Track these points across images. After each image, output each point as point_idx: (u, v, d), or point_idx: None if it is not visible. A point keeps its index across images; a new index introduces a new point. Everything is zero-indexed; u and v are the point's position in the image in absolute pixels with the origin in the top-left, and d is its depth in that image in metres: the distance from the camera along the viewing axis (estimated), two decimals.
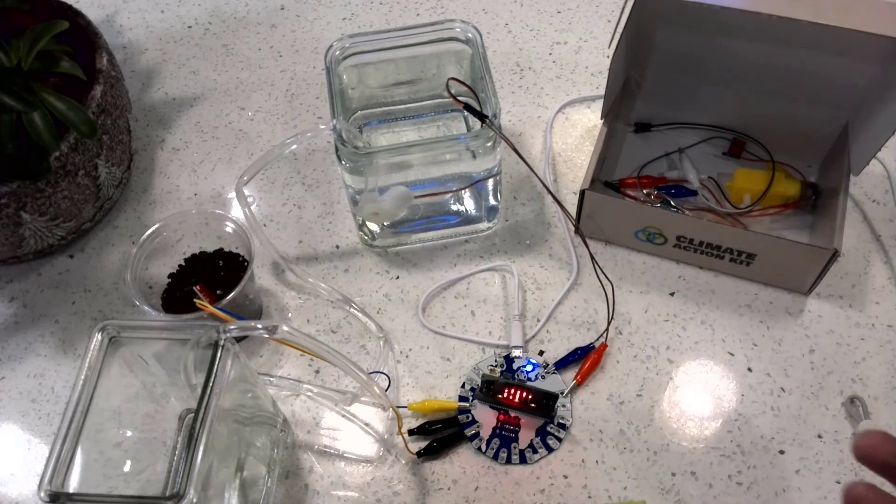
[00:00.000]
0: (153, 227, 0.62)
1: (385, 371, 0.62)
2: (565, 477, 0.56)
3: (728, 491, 0.55)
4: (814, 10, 0.55)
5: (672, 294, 0.65)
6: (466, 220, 0.69)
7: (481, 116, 0.58)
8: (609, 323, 0.62)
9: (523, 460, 0.57)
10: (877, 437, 0.38)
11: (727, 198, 0.67)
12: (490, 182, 0.65)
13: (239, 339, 0.52)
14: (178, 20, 0.89)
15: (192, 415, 0.44)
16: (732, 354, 0.61)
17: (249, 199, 0.67)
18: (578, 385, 0.60)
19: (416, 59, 0.67)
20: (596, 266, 0.62)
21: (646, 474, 0.56)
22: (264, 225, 0.71)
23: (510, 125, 0.77)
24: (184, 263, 0.65)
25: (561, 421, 0.58)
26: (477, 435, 0.58)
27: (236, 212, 0.71)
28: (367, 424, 0.60)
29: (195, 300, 0.53)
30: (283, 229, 0.71)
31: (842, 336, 0.62)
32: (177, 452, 0.56)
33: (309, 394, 0.61)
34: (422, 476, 0.57)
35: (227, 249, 0.65)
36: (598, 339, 0.62)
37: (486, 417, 0.59)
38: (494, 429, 0.58)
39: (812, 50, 0.62)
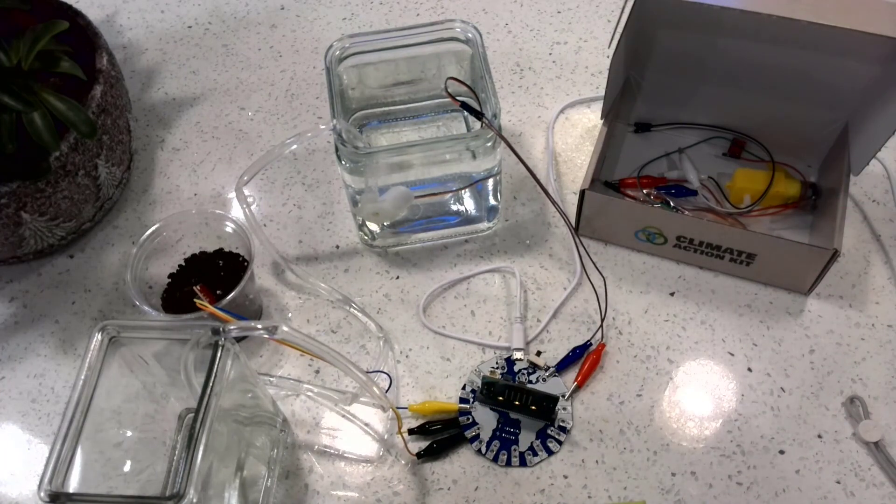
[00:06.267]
0: (153, 227, 0.62)
1: (385, 371, 0.61)
2: (565, 477, 0.56)
3: (728, 491, 0.55)
4: (814, 10, 0.55)
5: (672, 294, 0.65)
6: (466, 220, 0.69)
7: (478, 115, 0.58)
8: (602, 319, 0.62)
9: (523, 463, 0.57)
10: None
11: (727, 198, 0.67)
12: (490, 182, 0.65)
13: (239, 339, 0.52)
14: (178, 20, 0.89)
15: (192, 415, 0.44)
16: (732, 354, 0.61)
17: (249, 199, 0.67)
18: (579, 387, 0.60)
19: (416, 59, 0.67)
20: (588, 259, 0.62)
21: (646, 474, 0.56)
22: (264, 225, 0.71)
23: (510, 125, 0.77)
24: (184, 263, 0.65)
25: (561, 424, 0.58)
26: (477, 437, 0.58)
27: (236, 212, 0.71)
28: (367, 424, 0.60)
29: (195, 300, 0.53)
30: (283, 229, 0.71)
31: (842, 336, 0.62)
32: (177, 452, 0.56)
33: (309, 394, 0.61)
34: (422, 476, 0.57)
35: (227, 249, 0.65)
36: (593, 336, 0.62)
37: (486, 419, 0.59)
38: (495, 431, 0.58)
39: (812, 50, 0.62)
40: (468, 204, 0.69)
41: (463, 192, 0.66)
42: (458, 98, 0.60)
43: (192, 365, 0.47)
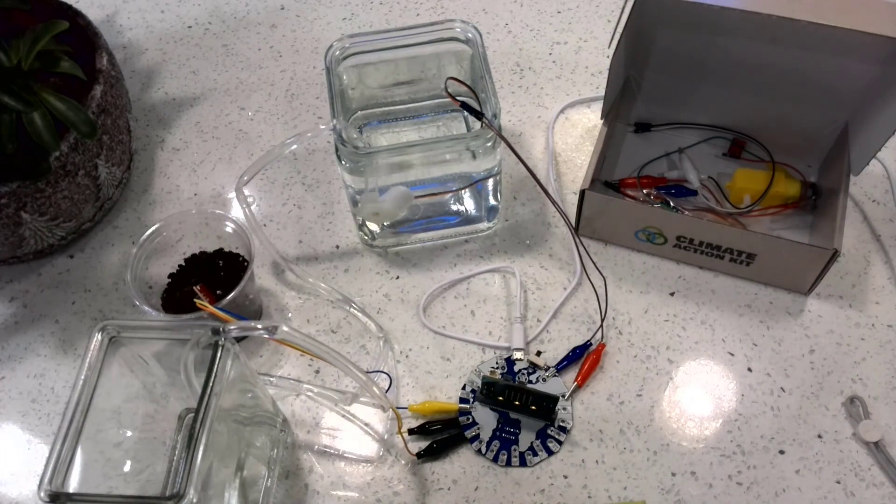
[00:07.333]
0: (153, 227, 0.62)
1: (385, 370, 0.61)
2: (565, 477, 0.56)
3: (728, 491, 0.55)
4: (814, 10, 0.55)
5: (672, 294, 0.65)
6: (466, 220, 0.69)
7: (478, 115, 0.58)
8: (602, 319, 0.62)
9: (523, 463, 0.57)
10: None
11: (727, 198, 0.67)
12: (490, 182, 0.65)
13: (239, 339, 0.52)
14: (178, 20, 0.89)
15: (192, 415, 0.44)
16: (732, 354, 0.61)
17: (249, 199, 0.67)
18: (579, 387, 0.60)
19: (416, 59, 0.67)
20: (588, 259, 0.62)
21: (646, 474, 0.56)
22: (264, 225, 0.71)
23: (510, 125, 0.77)
24: (184, 263, 0.65)
25: (561, 424, 0.58)
26: (477, 437, 0.58)
27: (236, 212, 0.71)
28: (366, 424, 0.60)
29: (195, 300, 0.53)
30: (283, 229, 0.71)
31: (842, 336, 0.62)
32: (177, 452, 0.56)
33: (309, 394, 0.61)
34: (422, 476, 0.57)
35: (227, 249, 0.65)
36: (593, 336, 0.62)
37: (486, 419, 0.59)
38: (495, 431, 0.58)
39: (812, 50, 0.62)
40: (468, 204, 0.69)
41: (463, 192, 0.66)
42: (458, 98, 0.60)
43: (192, 365, 0.47)
